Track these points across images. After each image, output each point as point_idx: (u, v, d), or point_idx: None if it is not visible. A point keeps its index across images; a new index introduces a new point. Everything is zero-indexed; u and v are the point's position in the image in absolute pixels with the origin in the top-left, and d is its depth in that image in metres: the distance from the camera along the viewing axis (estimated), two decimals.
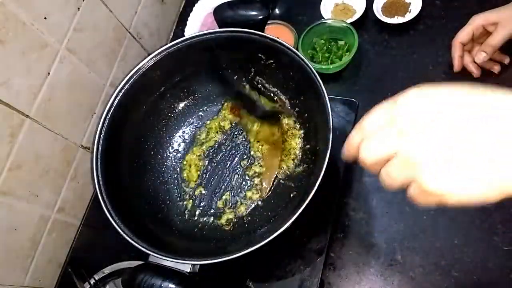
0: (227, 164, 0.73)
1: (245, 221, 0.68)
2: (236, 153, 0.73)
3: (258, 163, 0.71)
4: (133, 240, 0.55)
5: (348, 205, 0.69)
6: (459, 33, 0.70)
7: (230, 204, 0.70)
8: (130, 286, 0.52)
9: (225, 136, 0.75)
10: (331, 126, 0.54)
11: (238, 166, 0.72)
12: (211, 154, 0.74)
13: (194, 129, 0.76)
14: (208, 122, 0.76)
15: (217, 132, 0.75)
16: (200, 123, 0.76)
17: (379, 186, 0.68)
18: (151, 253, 0.54)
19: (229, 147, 0.74)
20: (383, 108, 0.32)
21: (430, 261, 0.63)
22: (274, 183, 0.69)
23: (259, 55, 0.67)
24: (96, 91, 0.75)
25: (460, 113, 0.28)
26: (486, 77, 0.72)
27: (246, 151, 0.73)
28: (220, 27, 0.67)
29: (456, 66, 0.72)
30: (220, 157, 0.73)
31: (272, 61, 0.67)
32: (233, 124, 0.75)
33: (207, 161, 0.73)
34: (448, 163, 0.27)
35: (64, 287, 0.74)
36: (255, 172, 0.70)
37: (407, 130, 0.29)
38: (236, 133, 0.75)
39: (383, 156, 0.30)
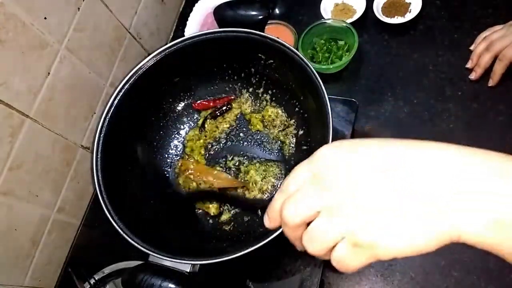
0: (226, 163, 0.72)
1: (245, 221, 0.68)
2: (234, 152, 0.73)
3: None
4: (133, 240, 0.55)
5: None
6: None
7: (229, 204, 0.70)
8: (130, 286, 0.52)
9: (224, 136, 0.75)
10: (331, 126, 0.54)
11: (235, 166, 0.72)
12: (211, 152, 0.74)
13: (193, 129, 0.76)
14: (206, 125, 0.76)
15: (214, 132, 0.75)
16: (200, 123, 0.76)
17: None
18: (151, 253, 0.54)
19: (228, 147, 0.74)
20: (302, 166, 0.30)
21: (430, 261, 0.63)
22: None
23: (259, 55, 0.67)
24: (96, 91, 0.75)
25: (383, 162, 0.27)
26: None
27: (243, 151, 0.73)
28: (220, 27, 0.68)
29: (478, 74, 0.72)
30: (219, 157, 0.73)
31: (272, 61, 0.67)
32: (232, 125, 0.75)
33: (207, 159, 0.74)
34: (377, 213, 0.26)
35: (64, 287, 0.74)
36: (249, 174, 0.70)
37: (328, 184, 0.28)
38: (235, 133, 0.75)
39: (307, 215, 0.28)
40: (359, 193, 0.27)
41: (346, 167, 0.28)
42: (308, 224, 0.29)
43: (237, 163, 0.72)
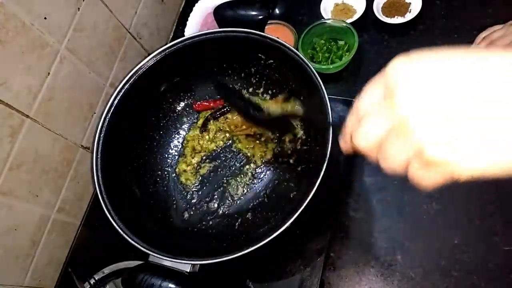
0: (225, 164, 0.72)
1: (245, 221, 0.68)
2: (234, 153, 0.73)
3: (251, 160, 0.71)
4: (133, 240, 0.55)
5: (348, 205, 0.69)
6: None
7: (230, 204, 0.70)
8: (130, 286, 0.52)
9: (224, 136, 0.75)
10: (331, 126, 0.54)
11: (235, 165, 0.72)
12: (210, 155, 0.74)
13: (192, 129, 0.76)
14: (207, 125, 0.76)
15: (215, 133, 0.75)
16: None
17: (379, 186, 0.69)
18: (151, 253, 0.54)
19: (227, 147, 0.74)
20: (372, 84, 0.29)
21: (430, 261, 0.63)
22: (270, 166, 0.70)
23: (259, 55, 0.67)
24: (96, 91, 0.75)
25: (457, 77, 0.24)
26: None
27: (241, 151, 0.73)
28: (220, 27, 0.68)
29: None
30: (220, 156, 0.73)
31: (272, 61, 0.67)
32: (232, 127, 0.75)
33: (206, 162, 0.73)
34: (451, 128, 0.24)
35: (64, 287, 0.74)
36: (250, 170, 0.71)
37: (400, 100, 0.26)
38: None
39: (378, 136, 0.27)
40: (429, 109, 0.25)
41: (419, 80, 0.25)
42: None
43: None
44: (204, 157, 0.74)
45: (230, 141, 0.74)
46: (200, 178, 0.73)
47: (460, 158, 0.24)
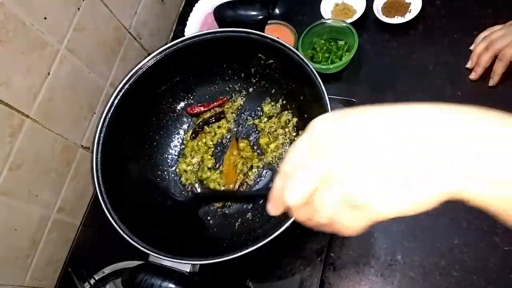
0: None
1: (245, 221, 0.68)
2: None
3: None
4: (133, 240, 0.55)
5: None
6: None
7: (230, 204, 0.70)
8: (130, 286, 0.52)
9: (224, 136, 0.75)
10: None
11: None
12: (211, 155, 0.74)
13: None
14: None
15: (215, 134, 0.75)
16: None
17: None
18: (151, 253, 0.54)
19: (227, 148, 0.74)
20: (294, 145, 0.30)
21: (430, 261, 0.63)
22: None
23: (259, 55, 0.67)
24: (96, 91, 0.75)
25: (376, 129, 0.27)
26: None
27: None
28: (220, 27, 0.67)
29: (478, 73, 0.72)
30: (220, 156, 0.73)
31: (272, 61, 0.67)
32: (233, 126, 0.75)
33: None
34: (372, 174, 0.26)
35: (64, 287, 0.74)
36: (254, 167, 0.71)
37: (322, 153, 0.27)
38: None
39: (308, 190, 0.28)
40: (352, 157, 0.27)
41: (338, 135, 0.27)
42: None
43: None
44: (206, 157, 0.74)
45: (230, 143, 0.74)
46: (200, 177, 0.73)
47: (381, 200, 0.26)
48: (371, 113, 0.28)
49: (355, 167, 0.26)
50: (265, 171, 0.71)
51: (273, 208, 0.32)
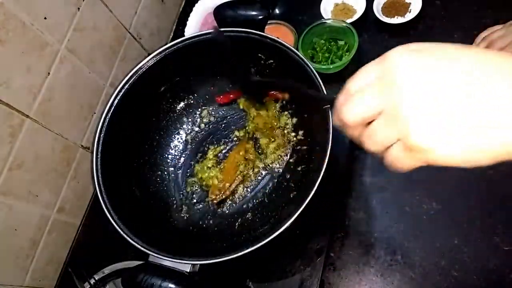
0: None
1: (245, 221, 0.68)
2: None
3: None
4: (133, 240, 0.55)
5: (348, 205, 0.69)
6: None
7: (230, 204, 0.70)
8: (130, 286, 0.52)
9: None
10: (331, 127, 0.54)
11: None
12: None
13: (193, 130, 0.76)
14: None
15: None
16: (200, 122, 0.76)
17: (379, 186, 0.69)
18: (151, 253, 0.54)
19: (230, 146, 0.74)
20: (366, 67, 0.30)
21: (430, 261, 0.63)
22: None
23: (259, 55, 0.67)
24: (96, 91, 0.75)
25: (453, 70, 0.26)
26: None
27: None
28: (220, 27, 0.67)
29: None
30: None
31: (272, 61, 0.67)
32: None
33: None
34: (437, 117, 0.26)
35: (64, 287, 0.73)
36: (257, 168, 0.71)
37: (393, 84, 0.27)
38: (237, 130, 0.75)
39: (369, 113, 0.29)
40: (420, 97, 0.26)
41: (413, 71, 0.27)
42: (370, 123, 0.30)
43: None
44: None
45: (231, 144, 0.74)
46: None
47: (440, 145, 0.26)
48: (447, 55, 0.27)
49: (422, 109, 0.26)
50: (264, 172, 0.71)
51: (335, 121, 0.33)
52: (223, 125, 0.76)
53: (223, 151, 0.74)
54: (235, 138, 0.74)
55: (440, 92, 0.26)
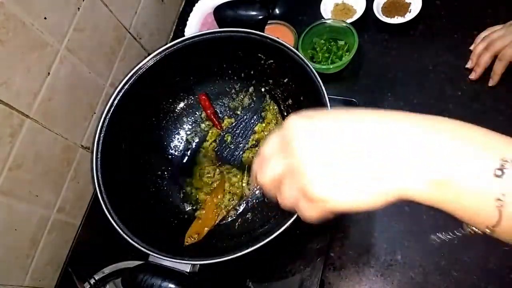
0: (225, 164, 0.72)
1: (245, 221, 0.68)
2: (238, 147, 0.73)
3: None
4: (133, 240, 0.55)
5: None
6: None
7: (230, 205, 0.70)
8: (130, 286, 0.52)
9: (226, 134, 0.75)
10: None
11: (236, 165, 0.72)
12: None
13: (194, 130, 0.76)
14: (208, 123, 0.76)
15: (219, 135, 0.75)
16: (200, 122, 0.76)
17: None
18: (151, 253, 0.54)
19: (232, 144, 0.74)
20: (272, 134, 0.35)
21: (430, 261, 0.63)
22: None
23: (259, 55, 0.67)
24: (96, 91, 0.75)
25: (336, 127, 0.31)
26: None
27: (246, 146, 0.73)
28: (220, 27, 0.68)
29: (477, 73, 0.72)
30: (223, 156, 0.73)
31: (272, 61, 0.67)
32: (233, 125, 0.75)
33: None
34: (330, 170, 0.29)
35: (64, 287, 0.73)
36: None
37: (289, 147, 0.31)
38: (238, 130, 0.75)
39: (276, 176, 0.33)
40: (314, 154, 0.30)
41: (304, 134, 0.31)
42: None
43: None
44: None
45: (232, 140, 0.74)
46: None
47: (336, 195, 0.29)
48: (331, 118, 0.32)
49: (314, 164, 0.30)
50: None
51: (251, 184, 0.39)
52: None
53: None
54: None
55: (328, 149, 0.30)
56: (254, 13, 0.65)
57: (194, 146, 0.75)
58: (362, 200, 0.29)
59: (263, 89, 0.74)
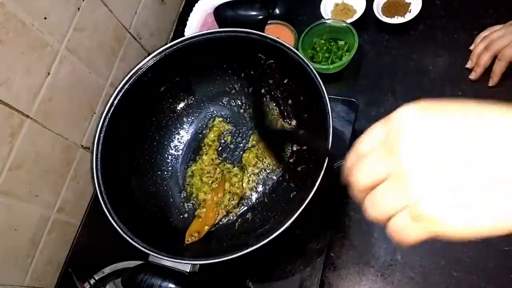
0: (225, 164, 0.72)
1: (245, 221, 0.68)
2: (238, 148, 0.73)
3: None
4: (133, 240, 0.55)
5: (348, 205, 0.69)
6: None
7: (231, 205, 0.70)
8: (130, 286, 0.52)
9: (227, 134, 0.75)
10: (331, 126, 0.54)
11: (236, 165, 0.72)
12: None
13: (194, 129, 0.76)
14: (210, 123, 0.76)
15: (219, 135, 0.75)
16: (201, 123, 0.77)
17: None
18: (151, 253, 0.54)
19: (232, 144, 0.74)
20: (376, 127, 0.29)
21: (430, 261, 0.63)
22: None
23: (259, 55, 0.67)
24: (96, 91, 0.75)
25: (463, 134, 0.24)
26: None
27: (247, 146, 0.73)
28: (220, 27, 0.68)
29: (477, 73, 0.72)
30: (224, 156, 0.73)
31: (272, 61, 0.67)
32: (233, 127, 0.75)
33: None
34: (448, 186, 0.24)
35: (64, 287, 0.74)
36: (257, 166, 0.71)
37: (401, 149, 0.26)
38: (238, 130, 0.75)
39: (375, 179, 0.27)
40: (429, 164, 0.24)
41: (421, 134, 0.25)
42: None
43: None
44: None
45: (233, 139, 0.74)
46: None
47: (450, 216, 0.24)
48: (461, 117, 0.25)
49: (431, 175, 0.24)
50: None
51: (345, 180, 0.31)
52: None
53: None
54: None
55: (451, 156, 0.24)
56: (254, 13, 0.65)
57: (194, 146, 0.75)
58: (486, 226, 0.23)
59: (263, 89, 0.74)
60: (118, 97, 0.64)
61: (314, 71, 0.58)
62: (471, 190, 0.23)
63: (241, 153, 0.73)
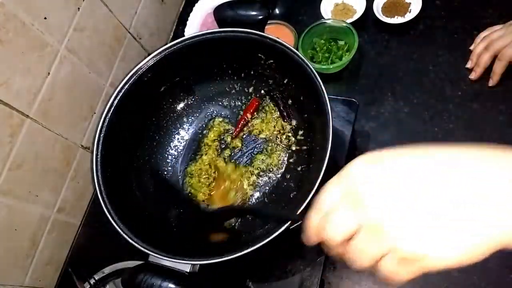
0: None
1: (245, 221, 0.68)
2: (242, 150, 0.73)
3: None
4: (133, 240, 0.55)
5: None
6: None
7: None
8: (130, 286, 0.52)
9: (227, 134, 0.75)
10: (331, 126, 0.54)
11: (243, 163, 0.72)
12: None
13: (194, 129, 0.76)
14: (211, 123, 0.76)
15: (219, 135, 0.75)
16: (201, 123, 0.77)
17: None
18: (151, 253, 0.54)
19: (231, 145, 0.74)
20: (332, 184, 0.30)
21: None
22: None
23: (259, 55, 0.67)
24: (96, 91, 0.75)
25: (418, 175, 0.26)
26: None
27: (253, 148, 0.73)
28: (220, 27, 0.67)
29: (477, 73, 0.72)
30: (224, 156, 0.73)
31: (272, 61, 0.67)
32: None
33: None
34: (422, 224, 0.25)
35: (64, 287, 0.74)
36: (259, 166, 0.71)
37: (364, 201, 0.27)
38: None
39: (347, 233, 0.28)
40: (398, 207, 0.26)
41: (378, 182, 0.27)
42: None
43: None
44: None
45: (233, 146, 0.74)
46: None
47: (435, 250, 0.25)
48: (408, 158, 0.27)
49: (400, 218, 0.25)
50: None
51: (309, 240, 0.32)
52: None
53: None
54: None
55: (413, 197, 0.25)
56: (254, 13, 0.65)
57: (194, 146, 0.75)
58: (466, 253, 0.25)
59: (263, 90, 0.74)
60: (118, 97, 0.64)
61: (314, 71, 0.58)
62: (440, 221, 0.25)
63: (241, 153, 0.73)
